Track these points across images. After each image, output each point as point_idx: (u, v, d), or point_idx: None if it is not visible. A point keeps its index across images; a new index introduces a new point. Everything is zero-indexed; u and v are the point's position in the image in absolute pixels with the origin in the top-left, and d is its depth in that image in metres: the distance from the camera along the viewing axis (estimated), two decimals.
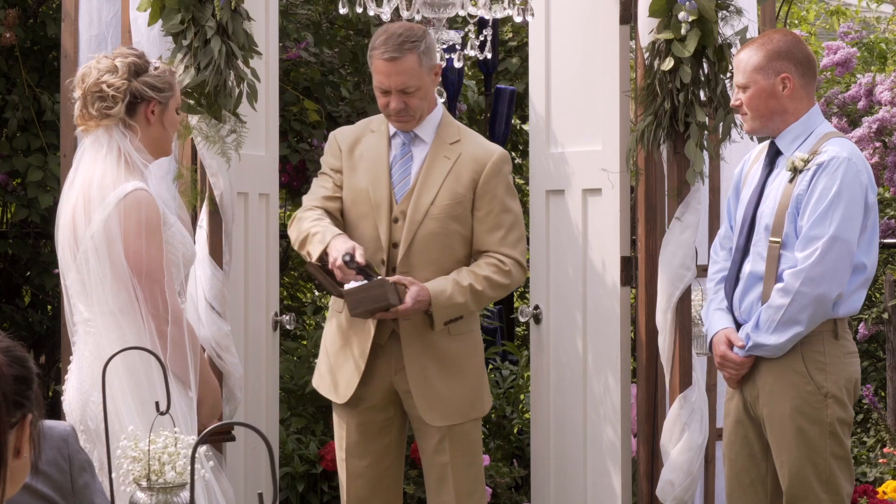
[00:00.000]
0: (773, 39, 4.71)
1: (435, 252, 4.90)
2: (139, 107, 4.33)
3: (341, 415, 5.03)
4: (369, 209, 4.94)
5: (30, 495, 3.20)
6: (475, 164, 4.95)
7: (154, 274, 4.23)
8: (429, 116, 4.99)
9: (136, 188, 4.24)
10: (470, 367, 5.00)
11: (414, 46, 4.86)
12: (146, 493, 3.40)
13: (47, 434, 3.30)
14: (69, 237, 4.33)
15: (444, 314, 4.85)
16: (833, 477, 4.57)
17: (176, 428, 3.51)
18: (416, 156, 4.98)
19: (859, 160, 4.63)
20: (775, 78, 4.66)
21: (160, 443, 3.43)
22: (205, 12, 5.28)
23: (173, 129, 4.44)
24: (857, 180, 4.58)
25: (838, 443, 4.59)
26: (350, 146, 5.04)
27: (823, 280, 4.53)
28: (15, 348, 2.49)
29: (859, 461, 6.59)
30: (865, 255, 4.64)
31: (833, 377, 4.58)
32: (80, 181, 4.35)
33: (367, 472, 5.01)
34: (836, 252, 4.53)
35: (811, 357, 4.60)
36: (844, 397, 4.61)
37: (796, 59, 4.68)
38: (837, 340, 4.62)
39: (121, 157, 4.31)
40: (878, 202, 7.14)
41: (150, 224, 4.22)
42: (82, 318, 4.32)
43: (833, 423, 4.58)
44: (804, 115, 4.68)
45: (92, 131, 4.36)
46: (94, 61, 4.40)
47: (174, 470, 3.40)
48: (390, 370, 4.94)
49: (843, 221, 4.53)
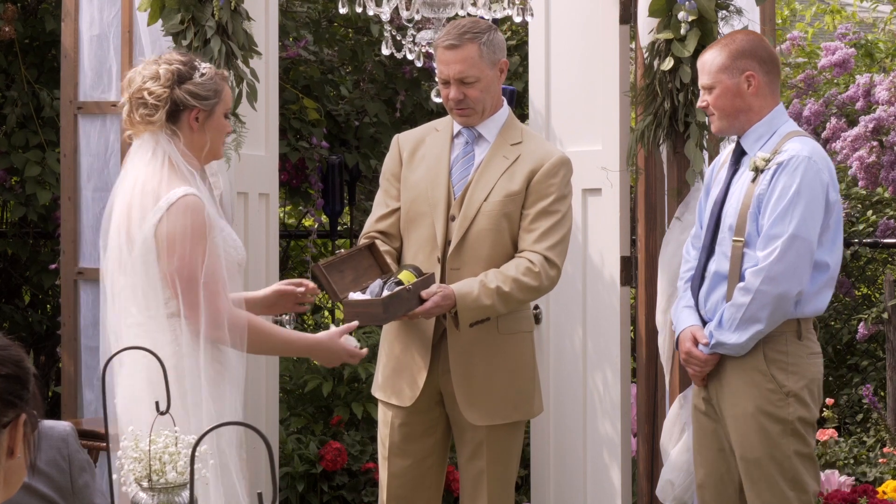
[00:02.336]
0: (735, 39, 4.74)
1: (486, 249, 4.84)
2: (182, 114, 4.33)
3: (386, 414, 5.00)
4: (428, 208, 4.90)
5: (29, 495, 3.19)
6: (533, 164, 4.86)
7: (195, 278, 4.23)
8: (494, 115, 4.92)
9: (185, 193, 4.24)
10: (518, 367, 4.92)
11: (475, 37, 4.82)
12: (147, 493, 3.40)
13: (47, 434, 3.30)
14: (118, 241, 4.34)
15: (469, 316, 4.76)
16: (798, 475, 4.58)
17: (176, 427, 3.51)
18: (477, 155, 4.93)
19: (821, 159, 4.64)
20: (740, 77, 4.69)
21: (160, 443, 3.42)
22: (205, 12, 5.28)
23: (221, 135, 4.42)
24: (818, 179, 4.59)
25: (801, 441, 4.60)
26: (412, 149, 4.99)
27: (783, 278, 4.54)
28: (10, 348, 2.48)
29: (859, 461, 6.59)
30: (828, 254, 4.64)
31: (795, 377, 4.60)
32: (126, 185, 4.36)
33: (409, 473, 4.97)
34: (795, 250, 4.54)
35: (774, 357, 4.62)
36: (806, 397, 4.61)
37: (760, 58, 4.71)
38: (801, 341, 4.63)
39: (165, 162, 4.32)
40: (878, 202, 7.15)
41: (196, 229, 4.22)
42: (135, 322, 4.32)
43: (794, 422, 4.59)
44: (768, 115, 4.72)
45: (139, 135, 4.37)
46: (141, 66, 4.40)
47: (175, 470, 3.40)
48: (437, 371, 4.90)
49: (802, 220, 4.54)
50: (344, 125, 8.12)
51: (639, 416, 5.72)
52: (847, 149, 6.86)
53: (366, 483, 6.80)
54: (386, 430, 4.98)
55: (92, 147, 6.20)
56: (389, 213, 4.97)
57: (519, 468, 6.71)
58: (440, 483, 5.05)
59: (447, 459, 5.07)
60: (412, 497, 4.99)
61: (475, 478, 4.91)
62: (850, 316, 7.48)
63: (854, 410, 7.27)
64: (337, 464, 6.69)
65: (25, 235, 7.45)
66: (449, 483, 6.41)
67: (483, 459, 4.89)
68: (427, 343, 4.87)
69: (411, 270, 4.74)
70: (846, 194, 7.18)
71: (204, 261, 4.22)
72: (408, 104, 8.11)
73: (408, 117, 8.09)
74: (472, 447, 4.90)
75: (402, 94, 8.08)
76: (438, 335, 4.87)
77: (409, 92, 8.13)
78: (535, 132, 5.24)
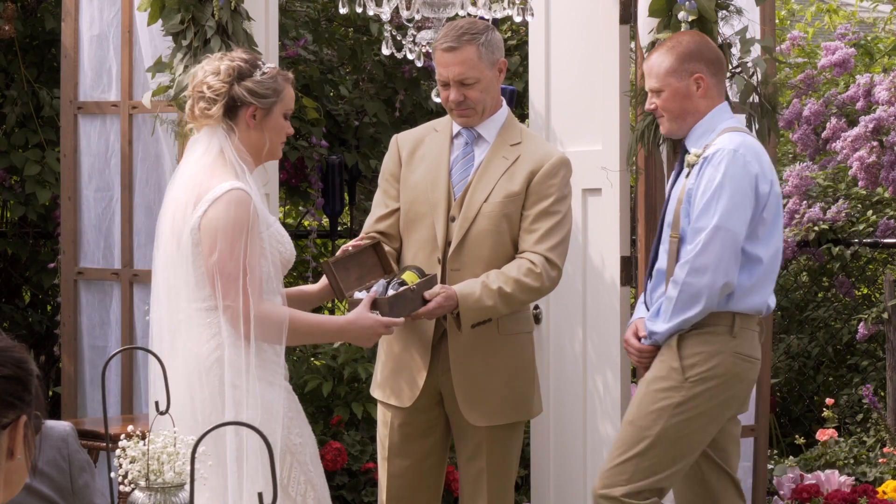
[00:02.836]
0: (682, 41, 4.75)
1: (487, 250, 4.84)
2: (239, 110, 4.36)
3: (386, 414, 5.00)
4: (428, 209, 4.89)
5: (29, 495, 3.19)
6: (533, 164, 4.86)
7: (234, 273, 4.24)
8: (493, 116, 4.92)
9: (232, 187, 4.27)
10: (518, 368, 4.92)
11: (473, 38, 4.82)
12: (145, 492, 3.40)
13: (47, 434, 3.30)
14: (169, 235, 4.36)
15: (471, 317, 4.75)
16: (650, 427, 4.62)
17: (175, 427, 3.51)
18: (477, 156, 4.92)
19: (750, 151, 4.64)
20: (689, 79, 4.71)
21: (159, 442, 3.42)
22: (205, 12, 5.28)
23: (279, 135, 4.44)
24: (744, 171, 4.59)
25: (670, 419, 4.61)
26: (411, 149, 4.99)
27: (707, 270, 4.56)
28: (12, 349, 2.47)
29: (859, 461, 6.59)
30: (762, 248, 4.65)
31: (703, 369, 4.61)
32: (179, 181, 4.40)
33: (408, 473, 4.97)
34: (718, 241, 4.56)
35: (692, 345, 4.63)
36: (702, 390, 4.59)
37: (707, 59, 4.73)
38: (732, 337, 4.63)
39: (219, 157, 4.35)
40: (878, 202, 7.14)
41: (239, 224, 4.24)
42: (184, 315, 4.33)
43: (676, 403, 4.61)
44: (709, 114, 4.73)
45: (200, 129, 4.40)
46: (206, 61, 4.45)
47: (173, 470, 3.40)
48: (437, 371, 4.90)
49: (725, 212, 4.56)
50: (343, 125, 8.12)
51: None
52: (847, 149, 6.85)
53: (366, 483, 6.80)
54: (385, 430, 4.98)
55: (92, 147, 6.20)
56: (389, 213, 4.97)
57: (519, 468, 6.71)
58: (440, 483, 5.05)
59: (447, 459, 5.07)
60: (412, 497, 4.99)
61: (475, 478, 4.91)
62: (850, 316, 7.48)
63: (854, 410, 7.27)
64: (337, 464, 6.69)
65: (25, 235, 7.45)
66: (449, 483, 6.41)
67: (483, 460, 4.88)
68: (427, 343, 4.87)
69: (414, 271, 4.74)
70: (846, 194, 7.18)
71: (245, 256, 4.24)
72: (407, 104, 8.11)
73: (407, 117, 8.09)
74: (472, 447, 4.90)
75: (401, 93, 8.08)
76: (438, 336, 4.87)
77: (409, 92, 8.13)
78: (534, 132, 5.24)
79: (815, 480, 6.28)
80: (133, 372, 6.11)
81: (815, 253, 7.23)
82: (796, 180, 7.20)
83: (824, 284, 7.85)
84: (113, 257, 6.19)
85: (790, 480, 6.35)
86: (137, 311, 6.10)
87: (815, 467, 6.54)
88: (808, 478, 6.32)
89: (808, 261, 7.54)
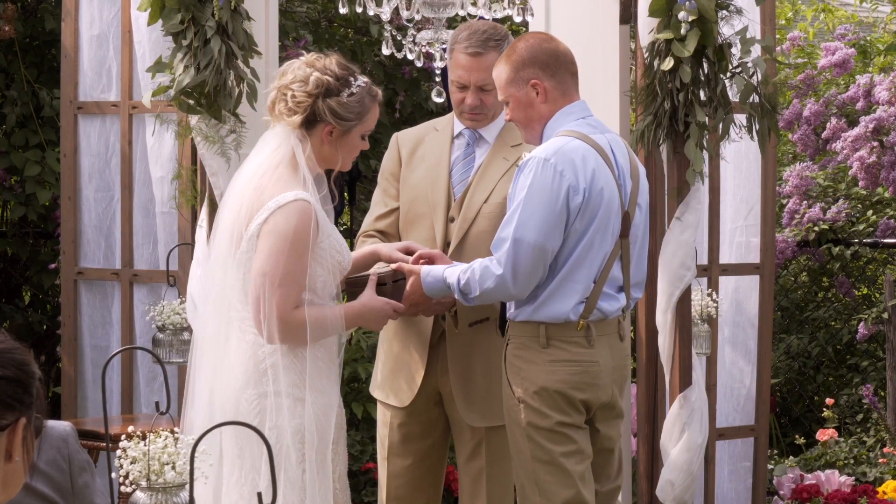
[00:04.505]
0: (516, 49, 4.64)
1: (485, 251, 4.82)
2: (317, 125, 4.34)
3: (385, 414, 5.00)
4: (427, 209, 4.90)
5: (29, 495, 3.20)
6: None
7: (281, 283, 4.22)
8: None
9: (295, 198, 4.26)
10: None
11: (497, 45, 4.83)
12: (146, 492, 3.40)
13: (47, 434, 3.30)
14: (227, 235, 4.35)
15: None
16: (541, 482, 4.53)
17: (176, 428, 3.51)
18: (478, 157, 4.93)
19: (563, 160, 4.48)
20: (526, 87, 4.59)
21: (160, 443, 3.43)
22: (205, 12, 5.28)
23: (351, 154, 4.44)
24: (552, 181, 4.45)
25: (539, 447, 4.53)
26: (412, 149, 5.00)
27: (507, 282, 4.45)
28: (14, 350, 2.47)
29: (859, 461, 6.59)
30: (565, 255, 4.51)
31: (526, 383, 4.54)
32: (243, 178, 4.38)
33: (408, 473, 4.98)
34: (517, 253, 4.44)
35: (512, 364, 4.58)
36: (538, 403, 4.53)
37: (541, 62, 4.60)
38: (544, 349, 4.54)
39: (285, 159, 4.33)
40: (878, 202, 7.15)
41: (298, 236, 4.23)
42: (238, 315, 4.32)
43: (528, 428, 4.53)
44: (552, 118, 4.61)
45: (275, 124, 4.38)
46: (300, 60, 4.39)
47: (174, 470, 3.41)
48: (436, 371, 4.91)
49: (522, 223, 4.44)
50: None
51: (639, 417, 5.73)
52: (847, 149, 6.86)
53: (366, 483, 6.80)
54: (385, 430, 4.99)
55: (92, 147, 6.20)
56: (388, 212, 4.98)
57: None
58: (440, 483, 5.05)
59: (446, 459, 5.08)
60: (412, 497, 4.99)
61: (475, 478, 4.91)
62: (850, 316, 7.48)
63: (854, 410, 7.28)
64: None
65: (25, 235, 7.45)
66: (449, 483, 6.41)
67: (482, 459, 4.89)
68: (425, 342, 4.88)
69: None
70: (846, 194, 7.19)
71: (292, 267, 4.22)
72: (407, 104, 8.11)
73: (407, 117, 8.10)
74: (472, 447, 4.90)
75: (401, 94, 8.08)
76: (437, 335, 4.88)
77: (409, 92, 8.13)
78: None
79: (815, 480, 6.28)
80: (133, 372, 6.11)
81: (815, 253, 7.24)
82: (796, 180, 7.20)
83: (824, 284, 7.86)
84: (113, 257, 6.19)
85: (790, 480, 6.35)
86: (137, 311, 6.10)
87: (815, 467, 6.55)
88: (808, 478, 6.32)
89: (808, 261, 7.54)
